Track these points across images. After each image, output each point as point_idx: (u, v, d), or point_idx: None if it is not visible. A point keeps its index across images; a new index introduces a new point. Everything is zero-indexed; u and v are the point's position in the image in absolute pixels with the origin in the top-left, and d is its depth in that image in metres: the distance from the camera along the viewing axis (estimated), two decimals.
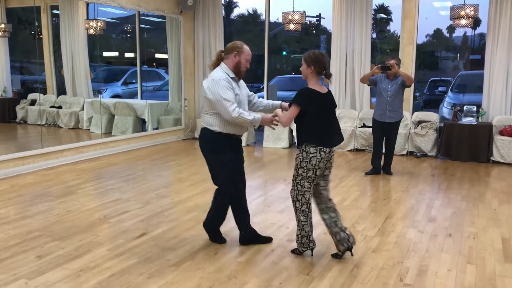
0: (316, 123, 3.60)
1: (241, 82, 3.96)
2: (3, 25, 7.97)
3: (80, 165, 7.29)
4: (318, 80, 3.68)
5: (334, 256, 3.79)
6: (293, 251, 3.89)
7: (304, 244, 3.75)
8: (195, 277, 3.43)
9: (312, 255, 3.81)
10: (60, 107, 8.95)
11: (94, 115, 9.09)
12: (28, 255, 3.78)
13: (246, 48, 3.84)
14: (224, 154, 3.82)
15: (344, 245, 3.71)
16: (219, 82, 3.66)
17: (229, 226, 4.46)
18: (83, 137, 8.82)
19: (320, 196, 3.78)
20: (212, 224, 4.11)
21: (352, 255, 3.79)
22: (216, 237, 4.13)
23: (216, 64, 3.87)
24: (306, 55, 3.68)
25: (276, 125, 3.88)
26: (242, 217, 4.07)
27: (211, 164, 3.91)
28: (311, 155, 3.56)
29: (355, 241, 3.80)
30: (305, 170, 3.59)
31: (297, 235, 3.78)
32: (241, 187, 3.99)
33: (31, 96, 8.53)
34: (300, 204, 3.69)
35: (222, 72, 3.77)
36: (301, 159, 3.60)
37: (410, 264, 3.69)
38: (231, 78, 3.78)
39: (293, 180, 3.71)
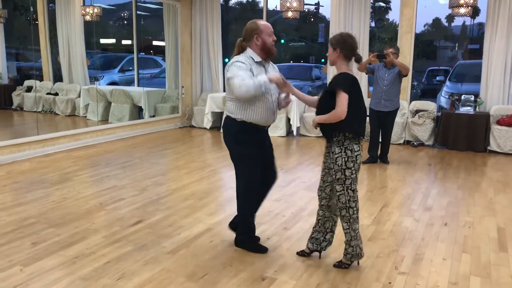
0: (357, 111, 3.23)
1: (272, 66, 3.70)
2: None
3: (76, 152, 7.26)
4: (348, 65, 3.30)
5: (300, 253, 3.62)
6: (339, 265, 3.42)
7: (358, 254, 3.35)
8: (191, 264, 3.43)
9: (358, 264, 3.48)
10: (56, 94, 8.90)
11: (91, 102, 9.04)
12: (24, 242, 3.77)
13: (262, 23, 3.53)
14: (245, 147, 3.53)
15: (314, 246, 3.53)
16: (234, 64, 3.43)
17: (226, 214, 4.46)
18: (80, 124, 8.79)
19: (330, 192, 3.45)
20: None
21: (319, 257, 3.56)
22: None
23: (237, 54, 3.57)
24: (332, 37, 3.32)
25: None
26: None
27: (234, 157, 3.62)
28: (356, 153, 3.22)
29: (325, 248, 3.55)
30: (353, 172, 3.23)
31: (352, 247, 3.32)
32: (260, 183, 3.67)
33: (27, 82, 8.48)
34: (353, 211, 3.27)
35: (243, 56, 3.50)
36: (346, 159, 3.21)
37: (406, 253, 3.70)
38: (257, 62, 3.52)
39: (341, 184, 3.25)
